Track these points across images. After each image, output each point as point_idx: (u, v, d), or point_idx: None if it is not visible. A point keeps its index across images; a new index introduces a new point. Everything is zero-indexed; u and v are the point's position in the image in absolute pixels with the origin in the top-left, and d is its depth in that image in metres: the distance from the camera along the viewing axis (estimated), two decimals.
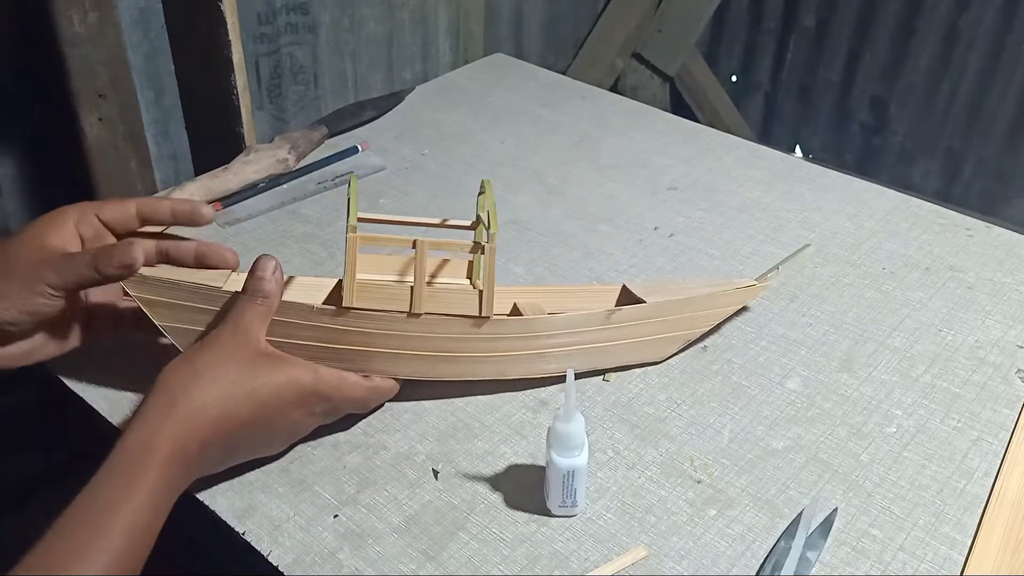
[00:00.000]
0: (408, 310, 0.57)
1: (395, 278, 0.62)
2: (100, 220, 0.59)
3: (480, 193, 0.61)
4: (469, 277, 0.64)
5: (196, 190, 0.83)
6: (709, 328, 0.69)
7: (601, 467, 0.59)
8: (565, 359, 0.63)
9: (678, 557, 0.53)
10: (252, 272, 0.56)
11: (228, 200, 0.85)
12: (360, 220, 0.57)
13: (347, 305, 0.56)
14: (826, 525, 0.56)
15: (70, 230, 0.58)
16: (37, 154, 1.01)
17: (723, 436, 0.62)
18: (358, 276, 0.56)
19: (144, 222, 0.61)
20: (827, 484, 0.58)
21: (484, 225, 0.59)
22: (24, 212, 1.03)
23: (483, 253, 0.58)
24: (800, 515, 0.56)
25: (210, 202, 0.83)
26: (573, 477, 0.53)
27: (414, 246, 0.56)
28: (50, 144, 1.00)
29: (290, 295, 0.59)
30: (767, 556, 0.54)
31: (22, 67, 0.96)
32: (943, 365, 0.68)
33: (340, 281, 0.61)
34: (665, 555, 0.53)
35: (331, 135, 0.96)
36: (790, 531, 0.55)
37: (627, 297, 0.67)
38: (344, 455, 0.60)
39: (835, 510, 0.57)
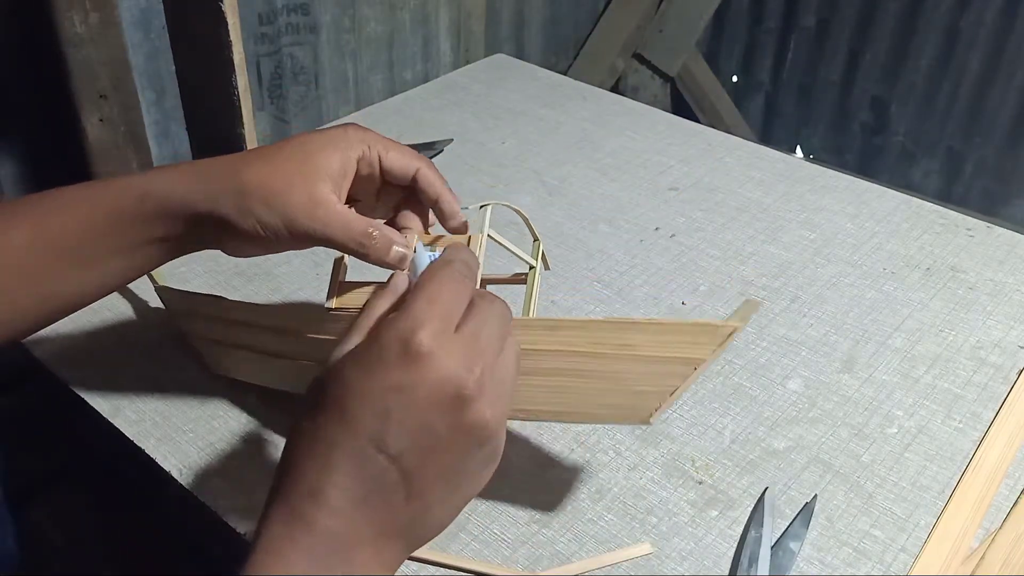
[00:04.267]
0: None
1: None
2: (381, 164, 0.55)
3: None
4: None
5: None
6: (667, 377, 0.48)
7: (602, 468, 0.59)
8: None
9: (679, 558, 0.53)
10: None
11: None
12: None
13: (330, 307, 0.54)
14: (806, 513, 0.56)
15: (350, 164, 0.53)
16: (37, 155, 1.01)
17: (724, 437, 0.62)
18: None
19: (412, 191, 0.55)
20: (828, 485, 0.58)
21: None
22: None
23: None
24: (762, 500, 0.55)
25: None
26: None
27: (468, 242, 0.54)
28: (51, 145, 1.00)
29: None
30: (738, 549, 0.53)
31: (23, 67, 0.96)
32: (944, 366, 0.68)
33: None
34: (667, 556, 0.53)
35: None
36: (756, 520, 0.55)
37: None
38: None
39: (814, 497, 0.57)
